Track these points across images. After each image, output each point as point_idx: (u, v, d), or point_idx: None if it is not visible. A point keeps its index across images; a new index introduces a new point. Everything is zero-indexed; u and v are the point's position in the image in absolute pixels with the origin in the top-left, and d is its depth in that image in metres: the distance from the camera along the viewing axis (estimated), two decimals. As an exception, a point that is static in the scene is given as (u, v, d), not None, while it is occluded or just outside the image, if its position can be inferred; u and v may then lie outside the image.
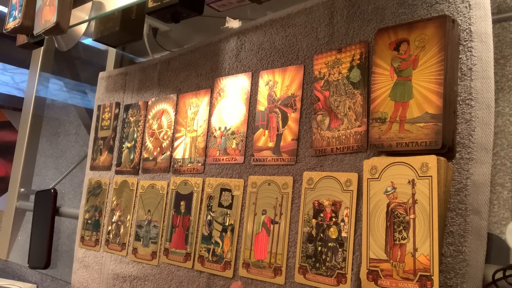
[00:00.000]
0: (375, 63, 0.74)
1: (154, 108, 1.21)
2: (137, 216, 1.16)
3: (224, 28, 1.14)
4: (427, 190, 0.64)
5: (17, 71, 3.11)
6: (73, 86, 2.08)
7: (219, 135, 1.02)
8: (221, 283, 0.93)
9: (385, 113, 0.71)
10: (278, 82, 0.92)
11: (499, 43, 0.90)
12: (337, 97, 0.81)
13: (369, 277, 0.68)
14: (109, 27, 1.17)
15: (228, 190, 0.96)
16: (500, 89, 0.88)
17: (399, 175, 0.68)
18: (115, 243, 1.21)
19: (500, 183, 0.86)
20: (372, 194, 0.70)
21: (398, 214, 0.67)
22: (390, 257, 0.67)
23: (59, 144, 2.07)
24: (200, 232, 1.00)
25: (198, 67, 1.12)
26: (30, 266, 1.52)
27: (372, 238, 0.69)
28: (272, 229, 0.86)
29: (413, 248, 0.64)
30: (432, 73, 0.67)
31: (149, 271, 1.10)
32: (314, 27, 0.88)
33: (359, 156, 0.76)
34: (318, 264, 0.77)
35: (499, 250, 0.72)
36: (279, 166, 0.89)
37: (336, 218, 0.76)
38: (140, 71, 1.29)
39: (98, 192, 1.31)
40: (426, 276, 0.62)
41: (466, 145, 0.65)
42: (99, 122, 1.38)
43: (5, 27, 1.06)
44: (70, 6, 0.91)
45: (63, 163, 2.03)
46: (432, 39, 0.68)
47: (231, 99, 1.01)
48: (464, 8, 0.68)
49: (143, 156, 1.20)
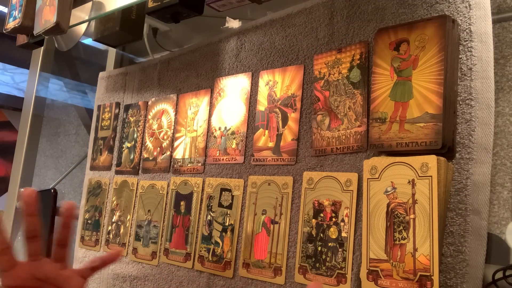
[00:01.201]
0: (375, 63, 0.74)
1: (154, 108, 1.21)
2: (137, 216, 1.16)
3: (224, 28, 1.14)
4: (427, 190, 0.64)
5: (17, 71, 3.11)
6: (73, 86, 2.08)
7: (219, 135, 1.01)
8: (221, 283, 0.93)
9: (385, 113, 0.71)
10: (278, 82, 0.92)
11: (499, 43, 0.90)
12: (337, 97, 0.81)
13: (369, 277, 0.68)
14: (109, 27, 1.17)
15: (228, 190, 0.96)
16: (500, 89, 0.88)
17: (399, 175, 0.68)
18: (115, 243, 1.21)
19: (500, 183, 0.86)
20: (372, 194, 0.70)
21: (398, 214, 0.67)
22: (390, 257, 0.67)
23: (59, 144, 2.07)
24: (200, 232, 1.00)
25: (198, 67, 1.12)
26: (30, 266, 1.51)
27: (372, 238, 0.69)
28: (272, 229, 0.86)
29: (413, 248, 0.64)
30: (432, 73, 0.67)
31: (149, 271, 1.10)
32: (314, 27, 0.88)
33: (359, 156, 0.76)
34: (318, 264, 0.77)
35: (499, 250, 0.72)
36: (279, 166, 0.89)
37: (336, 218, 0.76)
38: (140, 71, 1.29)
39: (98, 192, 1.31)
40: (426, 276, 0.62)
41: (466, 145, 0.65)
42: (99, 122, 1.38)
43: (5, 27, 1.06)
44: (70, 6, 0.91)
45: (63, 163, 2.03)
46: (432, 39, 0.68)
47: (231, 99, 1.01)
48: (464, 8, 0.68)
49: (143, 156, 1.20)
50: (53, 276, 0.68)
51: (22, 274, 0.68)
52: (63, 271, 0.69)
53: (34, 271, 0.68)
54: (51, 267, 0.69)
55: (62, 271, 0.69)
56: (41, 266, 0.69)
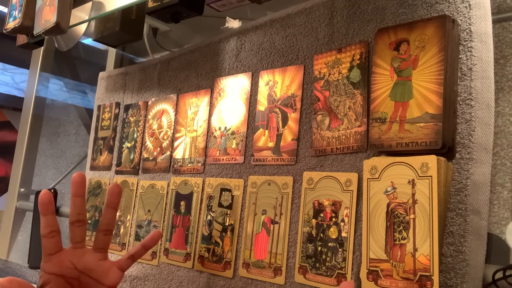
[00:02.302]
0: (375, 63, 0.74)
1: (154, 108, 1.21)
2: (137, 216, 1.16)
3: (224, 28, 1.14)
4: (427, 190, 0.64)
5: (17, 71, 3.11)
6: (73, 86, 2.08)
7: (219, 135, 1.02)
8: (221, 283, 0.93)
9: (385, 113, 0.71)
10: (278, 82, 0.92)
11: (499, 43, 0.90)
12: (337, 97, 0.81)
13: (369, 277, 0.68)
14: (109, 27, 1.17)
15: (228, 190, 0.96)
16: (500, 89, 0.88)
17: (399, 175, 0.68)
18: (115, 243, 1.21)
19: (500, 183, 0.86)
20: (372, 194, 0.70)
21: (398, 214, 0.67)
22: (390, 257, 0.67)
23: (59, 144, 2.07)
24: (200, 232, 1.00)
25: (198, 67, 1.12)
26: (30, 266, 1.52)
27: (372, 238, 0.69)
28: (272, 229, 0.86)
29: (413, 248, 0.64)
30: (432, 73, 0.67)
31: (149, 271, 1.10)
32: (314, 27, 0.88)
33: (359, 156, 0.76)
34: (318, 264, 0.77)
35: (499, 250, 0.72)
36: (279, 166, 0.89)
37: (336, 218, 0.76)
38: (140, 71, 1.29)
39: (98, 192, 1.31)
40: (426, 276, 0.62)
41: (466, 145, 0.65)
42: (99, 122, 1.38)
43: (5, 27, 1.06)
44: (70, 6, 0.91)
45: (63, 163, 2.03)
46: (432, 39, 0.68)
47: (231, 99, 1.01)
48: (464, 8, 0.68)
49: (143, 156, 1.20)
50: (91, 268, 0.66)
51: (64, 261, 0.66)
52: (103, 262, 0.68)
53: (75, 260, 0.66)
54: (92, 257, 0.67)
55: (101, 262, 0.67)
56: (83, 255, 0.67)
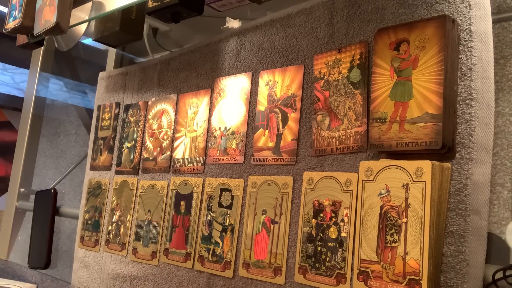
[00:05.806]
0: (375, 63, 0.74)
1: (154, 108, 1.21)
2: (137, 216, 1.16)
3: (224, 28, 1.14)
4: (421, 195, 0.64)
5: (17, 71, 3.11)
6: (73, 86, 2.08)
7: (219, 135, 1.02)
8: (221, 283, 0.93)
9: (385, 113, 0.71)
10: (278, 82, 0.92)
11: (499, 43, 0.90)
12: (337, 97, 0.81)
13: (360, 278, 0.69)
14: (109, 27, 1.17)
15: (228, 190, 0.96)
16: (500, 89, 0.88)
17: (393, 179, 0.68)
18: (115, 243, 1.21)
19: (500, 183, 0.86)
20: (366, 196, 0.71)
21: (390, 217, 0.67)
22: (380, 259, 0.67)
23: (59, 144, 2.07)
24: (200, 232, 1.00)
25: (198, 67, 1.12)
26: (30, 266, 1.52)
27: (364, 239, 0.70)
28: (272, 229, 0.86)
29: (404, 252, 0.65)
30: (432, 73, 0.67)
31: (149, 271, 1.10)
32: (314, 27, 0.88)
33: (359, 156, 0.76)
34: (318, 264, 0.77)
35: (499, 250, 0.72)
36: (279, 166, 0.89)
37: (336, 218, 0.76)
38: (140, 71, 1.29)
39: (98, 192, 1.31)
40: (415, 280, 0.63)
41: (466, 145, 0.65)
42: (99, 122, 1.38)
43: (5, 27, 1.06)
44: (70, 6, 0.91)
45: (63, 163, 2.03)
46: (432, 39, 0.68)
47: (231, 99, 1.01)
48: (464, 8, 0.68)
49: (143, 156, 1.20)
50: None
51: None
52: None
53: None
54: None
55: None
56: None
